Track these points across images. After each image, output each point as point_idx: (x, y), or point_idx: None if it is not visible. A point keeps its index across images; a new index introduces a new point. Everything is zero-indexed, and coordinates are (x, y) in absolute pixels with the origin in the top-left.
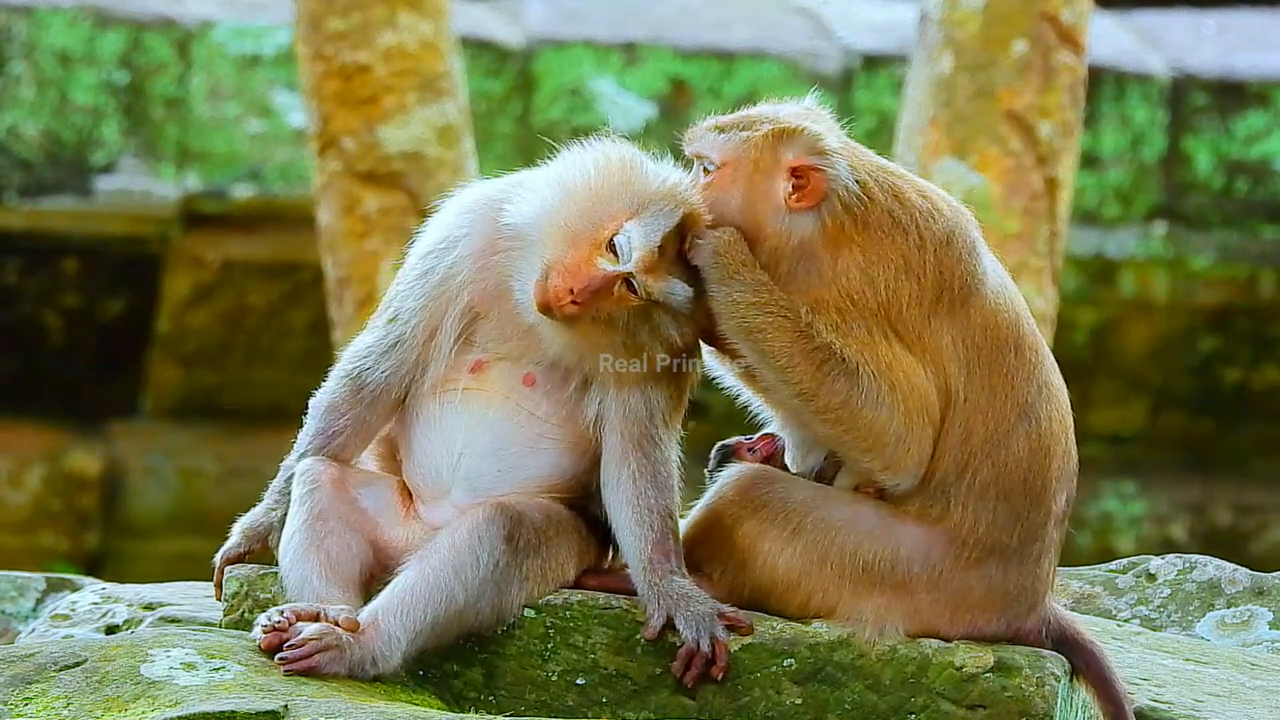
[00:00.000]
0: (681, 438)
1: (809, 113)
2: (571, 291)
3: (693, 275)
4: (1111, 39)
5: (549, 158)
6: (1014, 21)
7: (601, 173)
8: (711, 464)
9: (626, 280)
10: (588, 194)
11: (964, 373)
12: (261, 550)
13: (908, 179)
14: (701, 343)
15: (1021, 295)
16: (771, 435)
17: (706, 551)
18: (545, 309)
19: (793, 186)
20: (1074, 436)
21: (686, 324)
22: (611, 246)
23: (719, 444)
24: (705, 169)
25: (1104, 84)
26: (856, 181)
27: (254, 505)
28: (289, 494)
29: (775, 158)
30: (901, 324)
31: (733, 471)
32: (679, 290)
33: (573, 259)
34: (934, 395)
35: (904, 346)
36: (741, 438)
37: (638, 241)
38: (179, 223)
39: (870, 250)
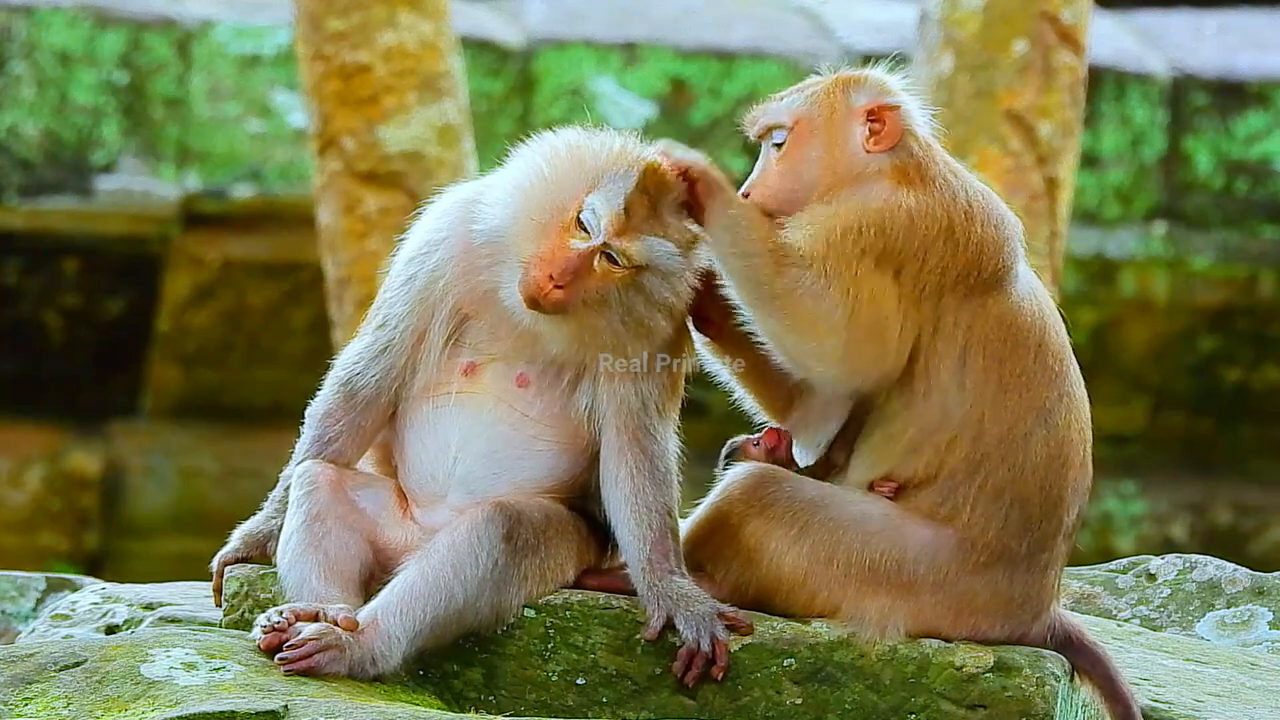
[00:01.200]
0: (680, 432)
1: None
2: (552, 277)
3: (673, 231)
4: (1111, 39)
5: (505, 156)
6: (1014, 21)
7: (551, 163)
8: (720, 463)
9: (605, 253)
10: (544, 187)
11: (954, 353)
12: (259, 558)
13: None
14: (697, 335)
15: (1057, 312)
16: (775, 429)
17: (712, 549)
18: (533, 303)
19: (869, 130)
20: (1090, 452)
21: (680, 283)
22: (580, 224)
23: (729, 442)
24: (776, 143)
25: (1104, 84)
26: (927, 120)
27: (254, 507)
28: (288, 503)
29: (848, 104)
30: (910, 278)
31: (739, 470)
32: (658, 247)
33: (546, 247)
34: (894, 328)
35: (895, 289)
36: (747, 436)
37: (601, 210)
38: (179, 223)
39: (923, 201)
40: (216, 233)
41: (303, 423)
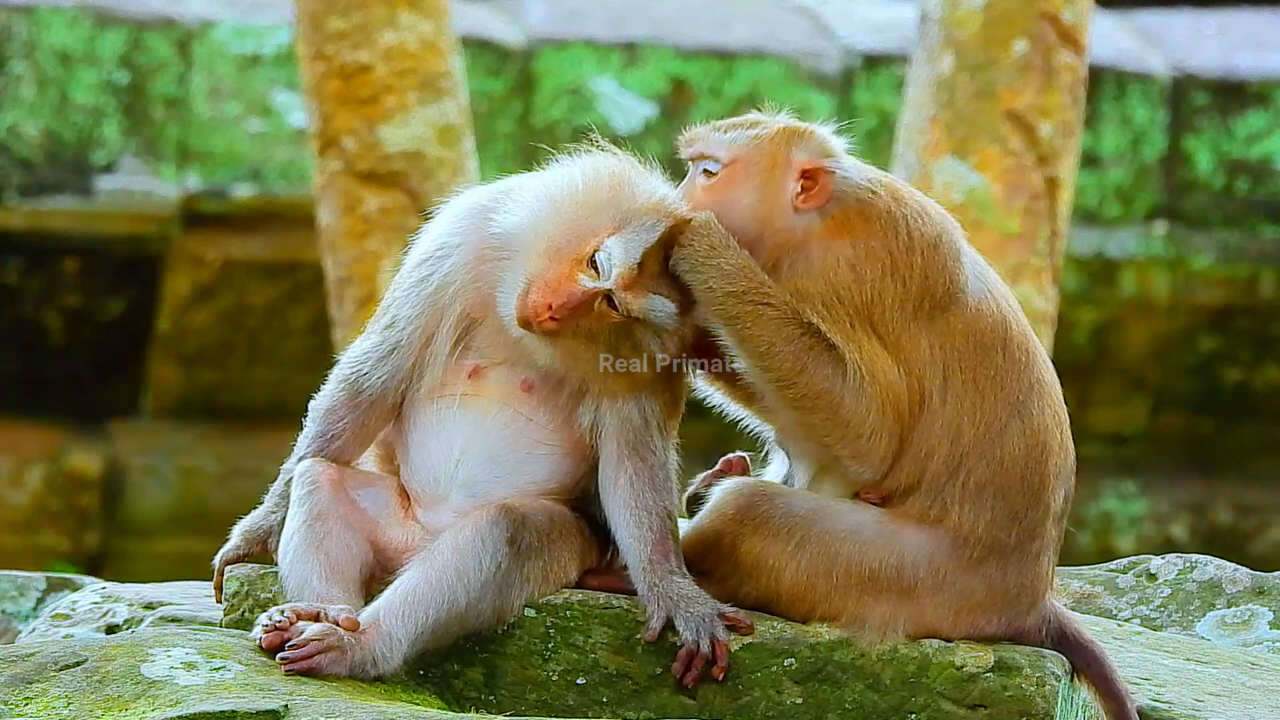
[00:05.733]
0: (678, 444)
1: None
2: (550, 307)
3: (676, 290)
4: (1112, 39)
5: (549, 159)
6: (1014, 21)
7: (589, 187)
8: (685, 508)
9: (607, 297)
10: (573, 208)
11: (940, 376)
12: (261, 553)
13: (903, 184)
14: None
15: (1013, 297)
16: (730, 459)
17: (706, 568)
18: (525, 324)
19: (801, 187)
20: (1070, 432)
21: (670, 340)
22: (593, 262)
23: (689, 488)
24: (707, 170)
25: (1104, 84)
26: (864, 179)
27: (254, 506)
28: (289, 497)
29: (786, 157)
30: (882, 324)
31: (728, 489)
32: (660, 307)
33: (554, 274)
34: (905, 394)
35: (881, 346)
36: (706, 473)
37: (618, 258)
38: (179, 223)
39: (860, 246)
40: (216, 233)
41: (304, 418)
